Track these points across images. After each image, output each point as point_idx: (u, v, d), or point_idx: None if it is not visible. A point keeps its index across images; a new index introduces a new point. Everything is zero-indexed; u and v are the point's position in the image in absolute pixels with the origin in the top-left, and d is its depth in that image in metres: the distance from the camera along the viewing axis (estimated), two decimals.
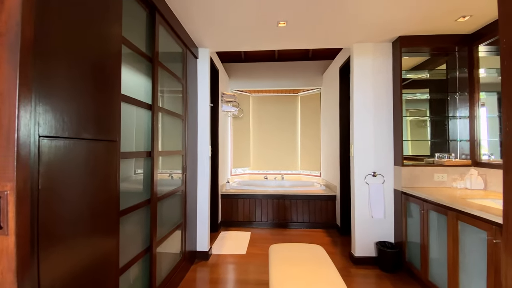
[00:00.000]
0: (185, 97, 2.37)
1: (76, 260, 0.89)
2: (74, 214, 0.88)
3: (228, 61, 4.39)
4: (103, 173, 1.03)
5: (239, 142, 4.53)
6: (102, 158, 1.02)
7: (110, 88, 1.11)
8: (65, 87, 0.85)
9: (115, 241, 1.13)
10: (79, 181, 0.90)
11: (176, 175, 2.27)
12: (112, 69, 1.13)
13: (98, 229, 1.01)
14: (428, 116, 2.72)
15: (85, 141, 0.92)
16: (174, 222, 2.19)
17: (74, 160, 0.88)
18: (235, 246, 2.95)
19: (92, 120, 0.97)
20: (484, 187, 2.17)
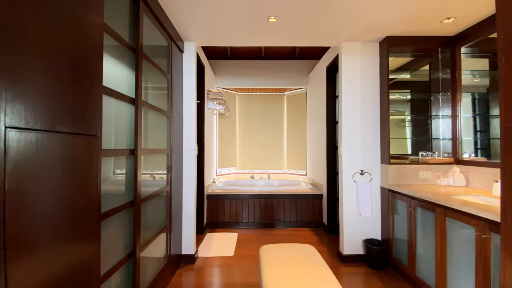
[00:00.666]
0: (170, 93, 2.25)
1: (51, 269, 0.77)
2: (48, 218, 0.76)
3: (213, 58, 4.28)
4: (82, 172, 0.91)
5: (225, 141, 4.43)
6: (81, 154, 0.90)
7: (90, 77, 0.99)
8: (39, 73, 0.73)
9: (95, 247, 1.02)
10: (55, 181, 0.79)
11: (161, 175, 2.14)
12: (93, 57, 1.01)
13: (77, 234, 0.89)
14: (410, 115, 2.79)
15: (62, 135, 0.81)
16: (159, 225, 2.06)
17: (49, 157, 0.76)
18: (222, 248, 2.86)
19: (69, 111, 0.85)
20: (466, 184, 2.25)
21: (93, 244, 1.00)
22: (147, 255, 1.81)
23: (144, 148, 1.75)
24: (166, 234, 2.19)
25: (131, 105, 1.59)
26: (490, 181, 2.05)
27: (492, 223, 1.37)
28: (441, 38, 2.42)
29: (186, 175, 2.58)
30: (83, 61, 0.95)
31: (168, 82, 2.23)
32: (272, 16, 2.08)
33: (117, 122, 1.47)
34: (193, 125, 2.58)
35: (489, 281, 1.40)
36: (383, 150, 2.53)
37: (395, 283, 2.17)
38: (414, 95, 2.78)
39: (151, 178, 1.98)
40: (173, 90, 2.29)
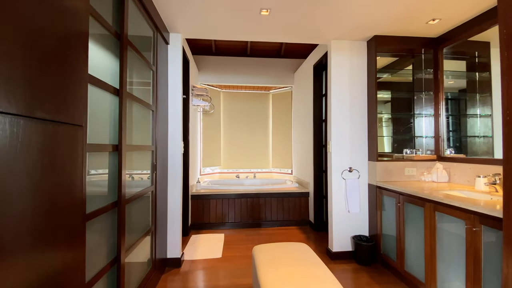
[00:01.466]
0: (155, 86, 2.10)
1: (29, 279, 0.65)
2: (24, 220, 0.64)
3: (197, 53, 4.14)
4: (65, 167, 0.78)
5: (209, 140, 4.30)
6: (63, 146, 0.78)
7: (74, 60, 0.86)
8: (14, 46, 0.60)
9: (80, 251, 0.89)
10: (33, 176, 0.66)
11: (145, 174, 1.99)
12: (78, 41, 0.88)
13: (59, 238, 0.77)
14: (392, 114, 2.86)
15: (41, 122, 0.68)
16: (144, 228, 1.92)
17: (25, 147, 0.63)
18: (209, 249, 2.74)
19: (51, 96, 0.73)
20: (448, 180, 2.34)
21: (78, 248, 0.87)
22: (131, 260, 1.66)
23: (129, 144, 1.60)
24: (151, 237, 2.04)
25: (115, 96, 1.44)
26: (470, 176, 2.15)
27: (483, 216, 1.42)
28: (425, 39, 2.51)
29: (172, 174, 2.43)
30: (68, 44, 0.82)
31: (153, 74, 2.08)
32: (265, 8, 2.01)
33: (100, 114, 1.33)
34: (179, 120, 2.45)
35: (480, 271, 1.44)
36: (370, 148, 2.57)
37: (385, 278, 2.20)
38: (398, 95, 2.86)
39: (136, 176, 1.83)
40: (158, 83, 2.15)
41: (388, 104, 2.90)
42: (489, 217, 1.38)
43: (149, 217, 2.03)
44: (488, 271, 1.41)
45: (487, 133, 2.28)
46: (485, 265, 1.42)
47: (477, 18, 2.10)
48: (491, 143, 2.23)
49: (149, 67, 1.99)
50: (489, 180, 1.91)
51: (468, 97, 2.50)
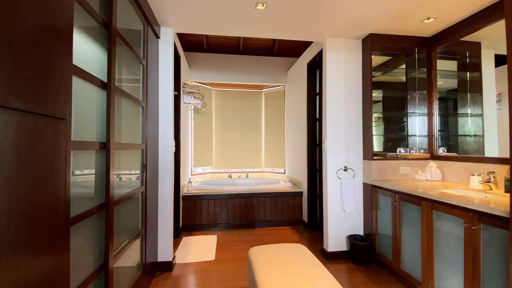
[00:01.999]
0: (145, 81, 2.00)
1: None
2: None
3: (189, 50, 4.03)
4: (45, 165, 0.69)
5: (200, 139, 4.19)
6: (44, 141, 0.69)
7: (57, 48, 0.77)
8: None
9: (64, 259, 0.80)
10: (6, 175, 0.57)
11: (134, 175, 1.89)
12: (61, 26, 0.79)
13: (38, 245, 0.68)
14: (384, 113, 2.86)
15: (17, 114, 0.59)
16: (133, 230, 1.81)
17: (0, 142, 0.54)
18: (201, 252, 2.65)
19: (30, 85, 0.64)
20: (441, 178, 2.36)
21: (61, 255, 0.78)
22: (120, 266, 1.56)
23: (117, 142, 1.50)
24: (141, 240, 1.94)
25: (102, 90, 1.34)
26: (463, 174, 2.16)
27: (482, 214, 1.41)
28: (419, 39, 2.51)
29: (163, 174, 2.33)
30: (50, 30, 0.73)
31: (143, 69, 1.98)
32: (261, 2, 1.95)
33: (87, 110, 1.23)
34: (170, 118, 2.35)
35: (479, 270, 1.43)
36: (365, 147, 2.55)
37: (381, 277, 2.18)
38: (390, 94, 2.86)
39: (125, 177, 1.73)
40: (148, 78, 2.05)
41: (379, 103, 2.90)
42: (489, 215, 1.37)
43: (139, 219, 1.93)
44: (487, 269, 1.40)
45: (478, 132, 2.31)
46: (484, 263, 1.41)
47: (470, 18, 2.12)
48: (482, 142, 2.26)
49: (138, 61, 1.89)
50: (483, 178, 1.92)
51: (459, 96, 2.52)
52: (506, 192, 1.72)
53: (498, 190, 1.81)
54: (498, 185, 1.84)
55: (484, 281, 1.41)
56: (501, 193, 1.75)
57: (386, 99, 2.94)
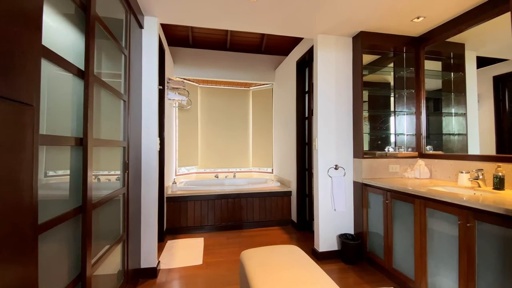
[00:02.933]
0: (127, 73, 1.84)
1: None
2: None
3: (173, 45, 3.85)
4: (7, 161, 0.56)
5: (185, 138, 4.02)
6: (4, 131, 0.55)
7: (22, 23, 0.63)
8: None
9: (30, 273, 0.66)
10: None
11: (114, 175, 1.73)
12: None
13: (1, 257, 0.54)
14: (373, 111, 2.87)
15: None
16: (114, 235, 1.66)
17: None
18: (188, 256, 2.51)
19: None
20: (430, 176, 2.39)
21: (27, 267, 0.64)
22: (100, 274, 1.40)
23: (96, 138, 1.35)
24: (122, 246, 1.78)
25: (79, 79, 1.19)
26: (451, 172, 2.20)
27: (477, 212, 1.41)
28: (408, 38, 2.54)
29: (146, 174, 2.17)
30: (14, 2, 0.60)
31: (125, 59, 1.82)
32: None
33: (60, 100, 1.08)
34: (155, 114, 2.19)
35: (474, 267, 1.43)
36: (356, 145, 2.54)
37: (372, 276, 2.17)
38: (376, 92, 2.87)
39: (105, 177, 1.57)
40: (131, 70, 1.89)
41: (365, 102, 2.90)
42: (485, 212, 1.37)
43: (120, 223, 1.77)
44: (483, 266, 1.40)
45: (462, 131, 2.37)
46: (479, 260, 1.41)
47: (457, 19, 2.15)
48: (466, 141, 2.32)
49: (120, 51, 1.73)
50: (472, 176, 1.95)
51: (444, 96, 2.57)
52: (495, 189, 1.75)
53: (486, 187, 1.84)
54: (486, 182, 1.88)
55: (479, 278, 1.41)
56: (489, 190, 1.78)
57: (371, 98, 2.95)
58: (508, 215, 1.26)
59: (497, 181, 1.74)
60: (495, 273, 1.34)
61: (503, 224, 1.28)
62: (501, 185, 1.72)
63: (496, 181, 1.74)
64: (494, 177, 1.76)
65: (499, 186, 1.73)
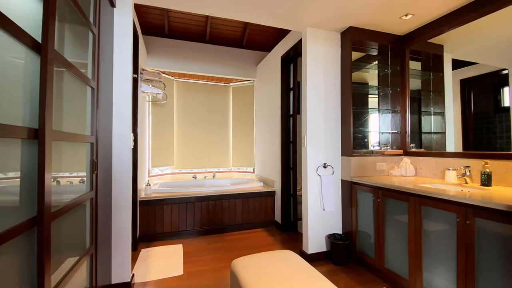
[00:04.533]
0: (96, 56, 1.56)
1: None
2: None
3: (147, 34, 3.52)
4: None
5: (159, 135, 3.70)
6: None
7: None
8: None
9: None
10: None
11: (76, 177, 1.44)
12: None
13: None
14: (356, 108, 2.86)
15: None
16: (79, 249, 1.37)
17: None
18: (166, 266, 2.25)
19: None
20: (415, 174, 2.41)
21: None
22: None
23: (56, 130, 1.08)
24: (89, 261, 1.49)
25: (35, 54, 0.93)
26: (436, 169, 2.23)
27: (477, 209, 1.39)
28: (394, 36, 2.55)
29: (118, 175, 1.89)
30: None
31: (94, 39, 1.53)
32: None
33: (8, 78, 0.81)
34: (128, 105, 1.91)
35: (473, 265, 1.41)
36: (344, 143, 2.48)
37: (363, 277, 2.11)
38: (364, 90, 2.87)
39: (66, 179, 1.29)
40: (101, 52, 1.61)
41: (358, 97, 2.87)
42: (485, 209, 1.35)
43: (87, 234, 1.48)
44: (482, 264, 1.38)
45: (440, 130, 2.43)
46: (479, 258, 1.39)
47: (441, 19, 2.19)
48: (444, 139, 2.39)
49: (88, 27, 1.45)
50: (459, 173, 1.98)
51: (423, 95, 2.63)
52: (483, 185, 1.78)
53: (473, 184, 1.88)
54: (473, 178, 1.91)
55: (479, 278, 1.39)
56: (477, 186, 1.80)
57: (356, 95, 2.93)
58: (507, 211, 1.24)
59: (484, 178, 1.77)
60: (495, 271, 1.32)
61: (505, 221, 1.27)
62: (489, 182, 1.76)
63: (484, 178, 1.77)
64: (482, 173, 1.79)
65: (486, 182, 1.77)
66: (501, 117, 2.01)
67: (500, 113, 2.01)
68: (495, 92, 2.08)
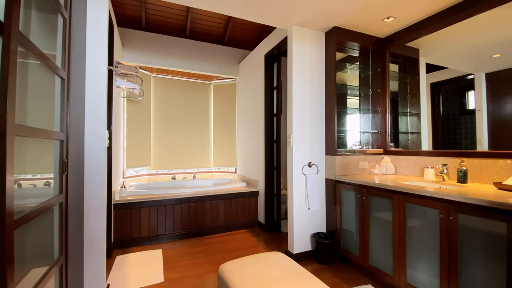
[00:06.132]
0: (68, 42, 1.40)
1: None
2: None
3: (122, 25, 3.29)
4: None
5: (135, 134, 3.48)
6: None
7: None
8: None
9: None
10: None
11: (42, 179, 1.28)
12: None
13: None
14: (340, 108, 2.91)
15: None
16: (47, 261, 1.21)
17: None
18: (145, 273, 2.10)
19: None
20: (395, 172, 2.49)
21: None
22: None
23: (20, 124, 0.93)
24: (59, 272, 1.33)
25: None
26: (415, 167, 2.32)
27: (459, 204, 1.44)
28: (375, 38, 2.61)
29: (91, 176, 1.71)
30: None
31: (65, 24, 1.37)
32: None
33: None
34: (103, 100, 1.74)
35: (456, 260, 1.46)
36: (328, 142, 2.50)
37: (349, 275, 2.13)
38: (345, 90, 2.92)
39: (30, 182, 1.12)
40: (72, 40, 1.44)
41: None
42: (467, 205, 1.41)
43: (56, 243, 1.32)
44: (465, 259, 1.44)
45: (416, 130, 2.54)
46: (461, 253, 1.45)
47: (420, 23, 2.28)
48: (420, 139, 2.50)
49: (58, 10, 1.29)
50: (437, 170, 2.07)
51: (400, 97, 2.74)
52: (459, 182, 1.87)
53: (451, 181, 1.97)
54: (450, 176, 2.01)
55: (461, 271, 1.45)
56: (454, 183, 1.89)
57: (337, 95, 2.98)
58: (491, 207, 1.30)
59: (461, 175, 1.86)
60: (477, 265, 1.38)
61: (486, 216, 1.33)
62: (465, 179, 1.85)
63: (461, 175, 1.87)
64: (458, 171, 1.89)
65: (463, 179, 1.86)
66: (466, 119, 2.14)
67: (465, 115, 2.15)
68: (461, 96, 2.22)
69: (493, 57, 2.02)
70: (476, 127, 2.04)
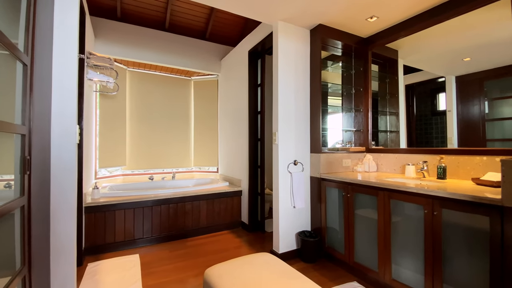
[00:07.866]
0: (32, 25, 1.23)
1: None
2: None
3: (95, 15, 3.05)
4: None
5: (108, 132, 3.24)
6: None
7: None
8: None
9: None
10: None
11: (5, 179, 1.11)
12: None
13: None
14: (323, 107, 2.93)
15: None
16: (7, 272, 1.04)
17: None
18: (120, 281, 1.94)
19: None
20: (377, 169, 2.54)
21: None
22: None
23: None
24: (21, 284, 1.16)
25: None
26: (396, 165, 2.38)
27: (444, 200, 1.48)
28: (358, 38, 2.65)
29: (59, 176, 1.53)
30: None
31: (28, 3, 1.20)
32: None
33: None
34: (73, 91, 1.56)
35: (440, 254, 1.50)
36: (313, 140, 2.49)
37: (334, 272, 2.13)
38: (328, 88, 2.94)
39: None
40: (37, 20, 1.27)
41: None
42: (451, 200, 1.44)
43: (17, 252, 1.15)
44: (449, 253, 1.47)
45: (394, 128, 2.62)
46: (445, 248, 1.49)
47: (400, 25, 2.34)
48: (399, 137, 2.58)
49: None
50: (418, 167, 2.13)
51: (380, 97, 2.81)
52: (439, 178, 1.94)
53: (430, 177, 2.04)
54: (430, 172, 2.08)
55: (446, 265, 1.48)
56: (434, 179, 1.96)
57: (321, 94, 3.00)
58: (474, 202, 1.34)
59: (441, 171, 1.93)
60: (460, 259, 1.42)
61: (469, 211, 1.37)
62: (444, 175, 1.92)
63: (440, 171, 1.93)
64: (438, 167, 1.95)
65: (442, 176, 1.93)
66: (436, 119, 2.24)
67: (436, 116, 2.25)
68: (432, 97, 2.32)
69: (464, 60, 2.12)
70: (447, 127, 2.14)
